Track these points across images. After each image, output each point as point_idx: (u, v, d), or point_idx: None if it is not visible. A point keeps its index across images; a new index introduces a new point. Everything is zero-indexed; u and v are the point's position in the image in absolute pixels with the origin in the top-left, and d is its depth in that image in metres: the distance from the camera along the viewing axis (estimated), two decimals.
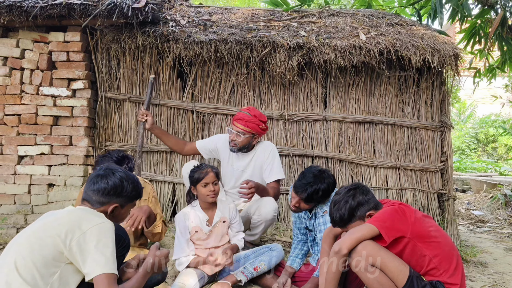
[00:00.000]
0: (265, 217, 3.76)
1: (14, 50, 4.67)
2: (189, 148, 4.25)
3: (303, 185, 3.14)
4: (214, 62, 4.89)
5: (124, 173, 2.39)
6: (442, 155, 5.13)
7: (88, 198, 2.31)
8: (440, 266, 2.53)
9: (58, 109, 4.68)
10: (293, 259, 3.47)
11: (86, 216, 2.15)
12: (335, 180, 3.25)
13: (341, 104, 5.08)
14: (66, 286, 2.03)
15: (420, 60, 4.72)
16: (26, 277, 1.95)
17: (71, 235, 2.03)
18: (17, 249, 2.04)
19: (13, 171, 4.68)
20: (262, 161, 4.02)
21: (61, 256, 2.02)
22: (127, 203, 2.40)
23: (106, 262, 2.03)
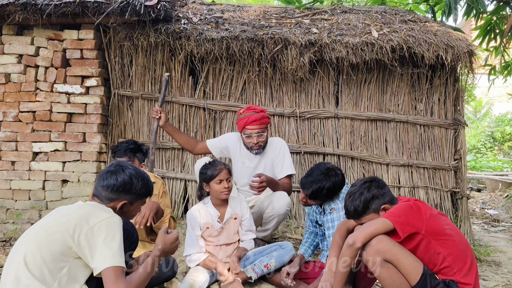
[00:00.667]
0: (278, 211, 3.77)
1: (29, 48, 4.74)
2: (200, 147, 4.27)
3: (309, 182, 3.16)
4: (225, 60, 4.90)
5: (134, 170, 2.40)
6: (456, 153, 5.07)
7: (98, 193, 2.34)
8: (454, 265, 2.50)
9: (72, 106, 4.74)
10: (305, 249, 3.50)
11: (94, 211, 2.16)
12: (344, 179, 3.23)
13: (353, 101, 5.05)
14: (74, 281, 2.05)
15: (434, 57, 4.68)
16: (35, 272, 1.97)
17: (79, 229, 2.05)
18: (26, 244, 2.06)
19: (28, 167, 4.75)
20: (273, 158, 4.03)
21: (69, 251, 2.04)
22: (136, 200, 2.40)
23: (113, 256, 2.04)
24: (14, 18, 4.50)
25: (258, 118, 3.88)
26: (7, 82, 4.75)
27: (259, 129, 3.90)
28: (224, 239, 3.44)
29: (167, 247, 2.36)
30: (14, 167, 4.75)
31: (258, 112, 3.90)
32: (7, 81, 4.75)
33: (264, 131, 3.95)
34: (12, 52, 4.74)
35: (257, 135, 3.91)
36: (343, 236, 2.87)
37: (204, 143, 4.24)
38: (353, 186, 2.76)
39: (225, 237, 3.44)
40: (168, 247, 2.36)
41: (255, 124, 3.88)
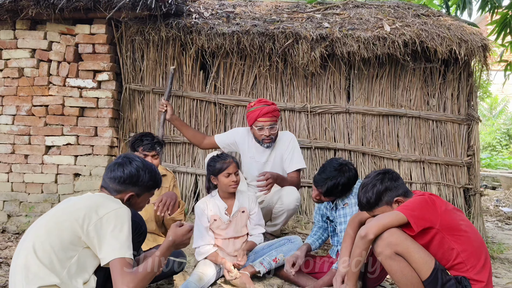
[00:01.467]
0: (287, 207, 3.76)
1: (42, 42, 4.78)
2: (207, 142, 4.27)
3: (323, 179, 3.13)
4: (236, 54, 4.90)
5: (142, 163, 2.40)
6: (469, 149, 5.01)
7: (106, 185, 2.35)
8: (467, 262, 2.46)
9: (84, 101, 4.78)
10: (313, 240, 3.45)
11: (103, 201, 2.18)
12: (357, 173, 3.21)
13: (364, 96, 5.02)
14: (83, 270, 2.07)
15: (447, 51, 4.62)
16: (44, 261, 1.99)
17: (88, 220, 2.07)
18: (36, 233, 2.09)
19: (40, 161, 4.80)
20: (282, 152, 4.02)
21: (78, 240, 2.06)
22: (144, 192, 2.40)
23: (120, 247, 2.06)
24: (27, 13, 4.54)
25: (270, 111, 3.88)
26: (20, 77, 4.80)
27: (271, 122, 3.90)
28: (232, 233, 3.44)
29: (178, 239, 2.35)
30: (27, 160, 4.80)
31: (269, 105, 3.90)
32: (21, 76, 4.80)
33: (276, 124, 3.94)
34: (25, 46, 4.79)
35: (269, 128, 3.90)
36: (355, 229, 2.85)
37: (212, 138, 4.25)
38: (366, 178, 2.75)
39: (233, 230, 3.44)
40: (180, 239, 2.35)
41: (267, 116, 3.88)
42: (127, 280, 2.03)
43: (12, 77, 4.80)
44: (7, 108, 4.80)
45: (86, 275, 2.07)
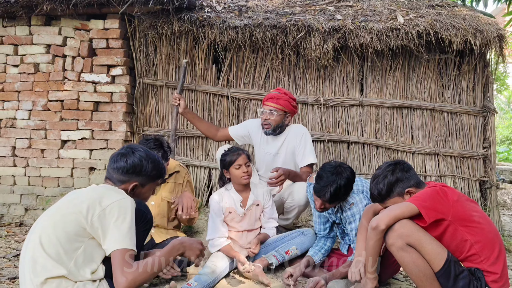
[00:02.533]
0: (298, 202, 3.75)
1: (57, 38, 4.84)
2: (221, 134, 4.28)
3: (323, 187, 3.01)
4: (249, 47, 4.90)
5: (145, 153, 2.40)
6: (485, 141, 4.95)
7: (110, 176, 2.36)
8: (481, 253, 2.44)
9: (98, 95, 4.83)
10: (315, 252, 3.34)
11: (106, 193, 2.19)
12: (353, 171, 3.12)
13: (378, 88, 4.98)
14: (91, 260, 2.10)
15: (462, 42, 4.56)
16: (51, 253, 2.02)
17: (92, 211, 2.09)
18: (42, 226, 2.12)
19: (56, 155, 4.87)
20: (294, 145, 3.98)
21: (83, 231, 2.08)
22: (148, 183, 2.41)
23: (122, 238, 2.07)
24: (42, 9, 4.59)
25: (275, 97, 3.88)
26: (36, 72, 4.87)
27: (272, 107, 3.87)
28: (246, 225, 3.45)
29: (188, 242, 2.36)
30: (43, 155, 4.88)
31: (280, 93, 3.90)
32: (36, 71, 4.87)
33: (278, 111, 3.88)
34: (40, 42, 4.85)
35: (269, 112, 3.88)
36: (369, 220, 2.82)
37: (226, 130, 4.25)
38: (378, 169, 2.73)
39: (247, 223, 3.46)
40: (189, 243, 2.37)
41: (270, 101, 3.88)
42: (127, 273, 2.04)
43: (28, 73, 4.87)
44: (23, 103, 4.88)
45: (94, 265, 2.10)
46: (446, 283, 2.40)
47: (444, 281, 2.40)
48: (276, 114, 3.88)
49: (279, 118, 3.90)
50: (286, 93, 3.95)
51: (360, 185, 3.20)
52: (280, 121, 3.92)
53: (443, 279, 2.40)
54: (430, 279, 2.42)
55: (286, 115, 3.96)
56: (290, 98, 3.93)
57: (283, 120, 3.94)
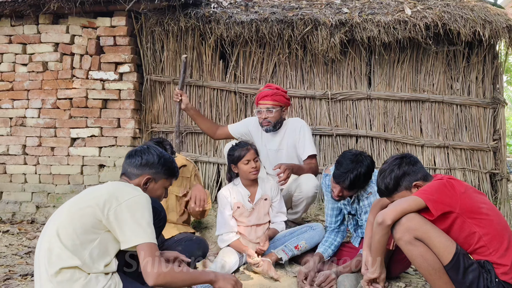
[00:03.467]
0: (306, 194, 3.75)
1: (64, 36, 4.87)
2: (221, 132, 4.29)
3: (343, 173, 3.00)
4: (255, 42, 4.89)
5: (160, 151, 2.52)
6: (495, 133, 4.92)
7: (125, 171, 2.45)
8: (490, 245, 2.42)
9: (107, 93, 4.85)
10: (325, 248, 3.33)
11: (124, 188, 2.25)
12: (373, 160, 3.13)
13: (386, 82, 4.95)
14: (105, 253, 2.13)
15: (470, 33, 4.52)
16: (67, 243, 2.07)
17: (109, 205, 2.13)
18: (59, 217, 2.17)
19: (66, 153, 4.90)
20: (294, 139, 3.99)
21: (100, 224, 2.12)
22: (161, 178, 2.48)
23: (144, 232, 2.11)
24: (49, 7, 4.61)
25: (269, 94, 3.90)
26: (44, 70, 4.90)
27: (269, 105, 3.89)
28: (254, 220, 3.46)
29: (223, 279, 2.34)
30: (53, 152, 4.91)
31: (272, 89, 3.92)
32: (45, 69, 4.90)
33: (275, 108, 3.90)
34: (48, 40, 4.88)
35: (266, 110, 3.90)
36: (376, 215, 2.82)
37: (225, 128, 4.27)
38: (384, 163, 2.71)
39: (255, 217, 3.47)
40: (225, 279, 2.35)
41: (266, 99, 3.90)
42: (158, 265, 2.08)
43: (36, 71, 4.91)
44: (33, 102, 4.91)
45: (107, 258, 2.13)
46: (456, 276, 2.38)
47: (453, 274, 2.39)
48: (274, 110, 3.91)
49: (277, 114, 3.94)
50: (278, 87, 3.98)
51: None
52: (279, 116, 3.96)
53: (452, 272, 2.38)
54: (439, 272, 2.40)
55: (283, 109, 3.99)
56: (282, 92, 3.97)
57: (281, 115, 3.98)
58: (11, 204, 4.93)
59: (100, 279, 2.08)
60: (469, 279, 2.37)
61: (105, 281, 2.08)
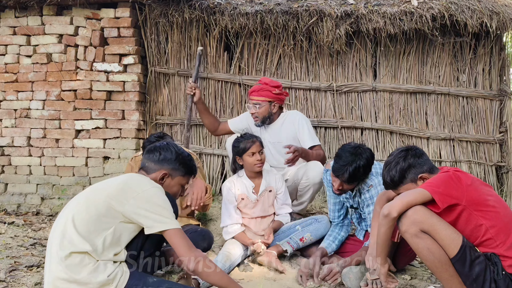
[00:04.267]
0: (313, 180, 3.74)
1: (69, 28, 4.85)
2: (222, 128, 4.29)
3: (342, 166, 3.00)
4: (260, 34, 4.87)
5: (178, 148, 2.59)
6: (501, 126, 4.90)
7: (143, 165, 2.52)
8: (496, 237, 2.40)
9: (111, 84, 4.84)
10: (329, 243, 3.30)
11: (141, 180, 2.32)
12: (372, 153, 3.13)
13: (391, 73, 4.93)
14: (117, 243, 2.19)
15: (477, 25, 4.49)
16: (80, 229, 2.13)
17: (126, 195, 2.20)
18: (76, 204, 2.24)
19: (71, 145, 4.90)
20: (294, 132, 3.98)
21: (115, 213, 2.18)
22: (178, 175, 2.53)
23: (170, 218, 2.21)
24: None
25: (256, 89, 3.92)
26: (49, 62, 4.88)
27: (255, 100, 3.91)
28: (259, 212, 3.46)
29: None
30: (58, 144, 4.91)
31: (261, 84, 3.92)
32: (49, 61, 4.88)
33: (261, 103, 3.91)
34: (52, 32, 4.86)
35: (253, 106, 3.92)
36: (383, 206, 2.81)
37: (226, 124, 4.26)
38: (390, 156, 2.70)
39: (260, 209, 3.46)
40: None
41: (253, 94, 3.93)
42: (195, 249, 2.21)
43: (41, 63, 4.89)
44: (37, 93, 4.91)
45: (118, 248, 2.19)
46: (462, 268, 2.37)
47: (459, 267, 2.38)
48: (260, 106, 3.91)
49: (264, 109, 3.93)
50: (267, 82, 3.94)
51: (379, 168, 3.18)
52: (266, 111, 3.95)
53: (459, 265, 2.37)
54: (445, 265, 2.40)
55: (272, 104, 3.96)
56: (271, 87, 3.91)
57: (269, 110, 3.96)
58: (16, 195, 4.94)
59: (108, 266, 2.13)
60: (476, 271, 2.36)
61: (113, 269, 2.14)
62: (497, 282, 2.37)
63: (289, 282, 2.96)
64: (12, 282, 2.86)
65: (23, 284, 2.85)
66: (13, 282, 2.87)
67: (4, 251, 3.47)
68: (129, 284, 2.15)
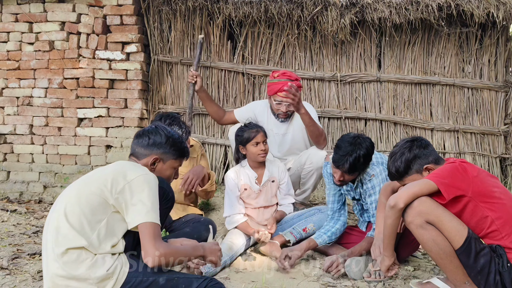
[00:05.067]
0: (316, 165, 3.73)
1: (71, 15, 4.81)
2: (227, 117, 4.22)
3: (342, 157, 2.98)
4: (264, 23, 4.82)
5: (168, 130, 2.48)
6: (506, 117, 4.87)
7: (133, 151, 2.43)
8: (502, 229, 2.39)
9: (114, 73, 4.81)
10: (320, 234, 3.23)
11: (131, 168, 2.23)
12: (372, 142, 3.09)
13: (396, 64, 4.89)
14: (112, 234, 2.12)
15: (484, 15, 4.44)
16: (74, 224, 2.06)
17: (116, 184, 2.12)
18: (67, 197, 2.16)
19: (73, 133, 4.88)
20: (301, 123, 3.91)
21: (107, 204, 2.11)
22: (169, 159, 2.44)
23: (147, 212, 2.09)
24: None
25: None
26: (51, 50, 4.85)
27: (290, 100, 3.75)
28: (262, 202, 3.45)
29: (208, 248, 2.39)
30: (60, 132, 4.89)
31: (293, 80, 3.78)
32: (51, 49, 4.85)
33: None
34: (55, 19, 4.82)
35: (287, 104, 3.80)
36: (388, 197, 2.79)
37: (232, 114, 4.19)
38: (395, 147, 2.68)
39: (263, 199, 3.45)
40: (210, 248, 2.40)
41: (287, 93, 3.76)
42: (159, 245, 2.06)
43: (43, 50, 4.86)
44: (39, 81, 4.88)
45: (115, 239, 2.12)
46: (467, 260, 2.36)
47: (464, 259, 2.37)
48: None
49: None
50: (298, 78, 3.88)
51: (380, 157, 3.17)
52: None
53: (464, 257, 2.36)
54: (450, 256, 2.39)
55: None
56: (300, 83, 3.86)
57: None
58: (18, 183, 4.94)
59: (106, 260, 2.07)
60: (481, 263, 2.35)
61: (112, 262, 2.07)
62: (502, 274, 2.36)
63: (291, 272, 2.95)
64: (14, 269, 2.86)
65: (25, 271, 2.85)
66: (15, 269, 2.87)
67: (6, 239, 3.47)
68: (130, 276, 2.10)
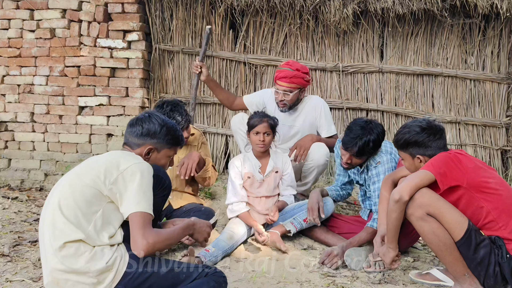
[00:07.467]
0: (317, 162, 3.74)
1: (72, 2, 4.78)
2: (237, 102, 4.21)
3: (352, 139, 3.00)
4: (266, 12, 4.80)
5: (161, 118, 2.42)
6: (508, 110, 4.85)
7: (126, 140, 2.38)
8: (499, 219, 2.41)
9: (115, 61, 4.79)
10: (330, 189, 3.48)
11: (124, 157, 2.20)
12: (384, 129, 3.12)
13: (398, 55, 4.87)
14: (109, 224, 2.09)
15: (488, 6, 4.40)
16: (69, 217, 2.03)
17: (110, 175, 2.09)
18: (60, 190, 2.12)
19: (74, 121, 4.89)
20: (313, 118, 3.93)
21: (101, 195, 2.08)
22: (163, 148, 2.40)
23: (139, 201, 2.07)
24: None
25: (288, 76, 3.75)
26: (52, 37, 4.84)
27: (287, 87, 3.76)
28: (264, 191, 3.45)
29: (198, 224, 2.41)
30: (61, 121, 4.90)
31: (293, 70, 3.75)
32: (52, 36, 4.84)
33: (293, 91, 3.78)
34: (56, 7, 4.80)
35: (283, 93, 3.79)
36: (389, 190, 2.79)
37: (241, 99, 4.18)
38: (414, 121, 2.74)
39: (265, 189, 3.45)
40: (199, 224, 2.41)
41: (283, 81, 3.76)
42: (148, 235, 2.03)
43: (44, 38, 4.84)
44: (40, 69, 4.87)
45: (112, 229, 2.09)
46: (467, 252, 2.38)
47: (464, 250, 2.38)
48: (292, 94, 3.79)
49: (295, 96, 3.83)
50: (299, 68, 3.79)
51: (390, 147, 3.17)
52: (295, 98, 3.86)
53: (464, 249, 2.38)
54: (450, 248, 2.40)
55: (301, 91, 3.88)
56: (303, 74, 3.79)
57: (298, 96, 3.88)
58: (19, 171, 4.95)
59: (105, 252, 2.04)
60: (480, 255, 2.37)
61: (111, 254, 2.04)
62: (501, 265, 2.38)
63: (292, 262, 2.96)
64: (16, 256, 2.88)
65: (26, 259, 2.86)
66: (16, 256, 2.88)
67: (7, 226, 3.49)
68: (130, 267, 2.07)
